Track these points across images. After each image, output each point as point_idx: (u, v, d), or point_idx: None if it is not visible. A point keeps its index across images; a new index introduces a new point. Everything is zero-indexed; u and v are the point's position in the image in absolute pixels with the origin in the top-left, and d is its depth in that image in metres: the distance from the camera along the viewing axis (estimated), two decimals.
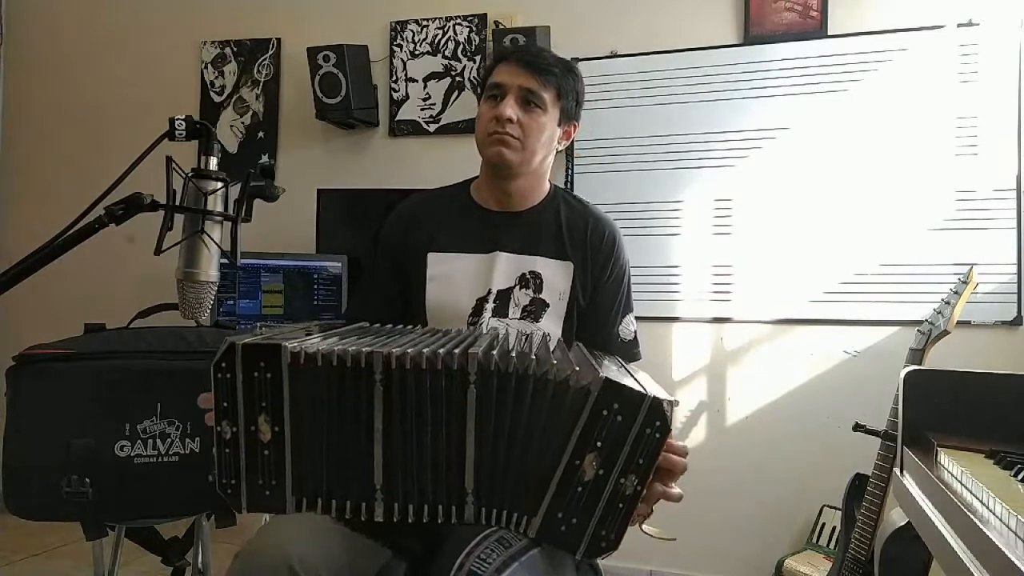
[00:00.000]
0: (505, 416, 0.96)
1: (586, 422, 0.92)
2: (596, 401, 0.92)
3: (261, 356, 0.95)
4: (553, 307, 1.35)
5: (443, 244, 1.38)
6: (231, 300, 2.51)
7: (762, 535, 2.52)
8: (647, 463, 0.92)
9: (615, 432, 0.92)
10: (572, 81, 1.38)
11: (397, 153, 2.97)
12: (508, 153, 1.32)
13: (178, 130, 1.10)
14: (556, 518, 0.94)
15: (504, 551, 0.98)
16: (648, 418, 0.91)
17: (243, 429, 0.96)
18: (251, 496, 0.97)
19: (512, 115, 1.30)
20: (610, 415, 0.92)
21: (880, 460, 1.82)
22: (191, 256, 1.10)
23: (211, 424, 0.99)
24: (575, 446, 0.93)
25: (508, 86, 1.33)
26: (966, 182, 2.38)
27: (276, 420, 0.96)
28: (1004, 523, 0.68)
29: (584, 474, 0.93)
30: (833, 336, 2.50)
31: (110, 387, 1.36)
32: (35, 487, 1.33)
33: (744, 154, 2.59)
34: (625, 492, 0.92)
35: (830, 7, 2.53)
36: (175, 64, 3.22)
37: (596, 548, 0.94)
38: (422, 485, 0.96)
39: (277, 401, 0.95)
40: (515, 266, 1.36)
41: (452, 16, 2.90)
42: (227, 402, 0.96)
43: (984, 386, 1.06)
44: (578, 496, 0.93)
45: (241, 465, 0.96)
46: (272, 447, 0.96)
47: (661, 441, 0.92)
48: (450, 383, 0.95)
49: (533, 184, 1.41)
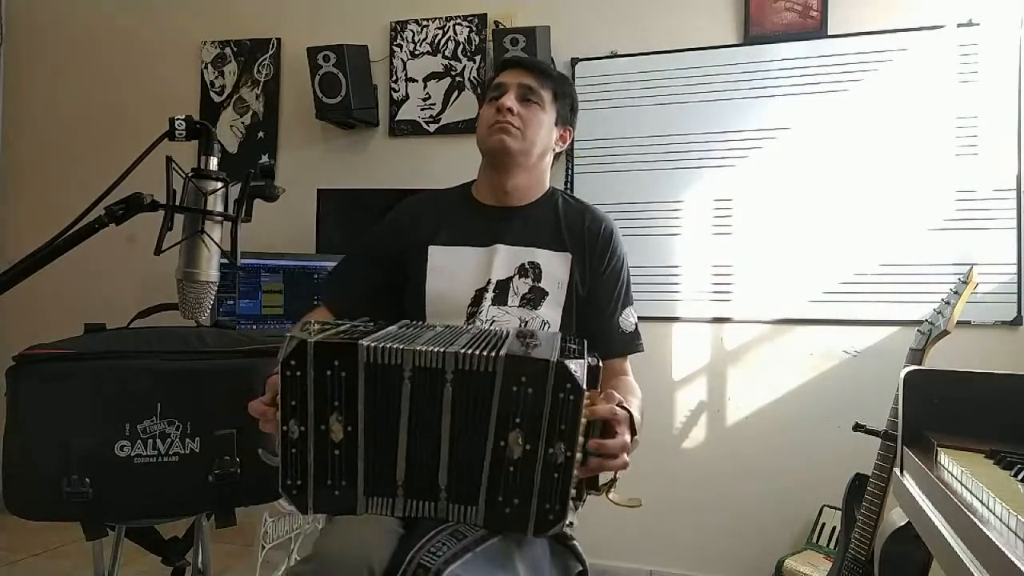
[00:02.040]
0: (454, 410, 0.96)
1: (500, 402, 0.93)
2: (504, 379, 0.93)
3: (336, 354, 0.94)
4: (552, 295, 1.37)
5: (444, 238, 1.41)
6: (231, 300, 2.51)
7: (762, 535, 2.52)
8: (570, 428, 0.92)
9: (530, 405, 0.92)
10: (568, 88, 1.49)
11: (397, 153, 2.97)
12: (509, 140, 1.37)
13: (178, 130, 1.10)
14: (497, 502, 0.95)
15: (456, 543, 0.99)
16: (557, 382, 0.91)
17: (312, 428, 0.95)
18: (318, 497, 0.97)
19: (513, 106, 1.37)
20: (520, 390, 0.93)
21: (880, 460, 1.82)
22: (191, 256, 1.10)
23: (266, 430, 0.99)
24: (496, 428, 0.94)
25: (508, 84, 1.41)
26: (966, 182, 2.38)
27: (350, 420, 0.95)
28: (1004, 523, 0.68)
29: (512, 453, 0.93)
30: (833, 336, 2.50)
31: (110, 387, 1.35)
32: (35, 487, 1.32)
33: (744, 154, 2.59)
34: (557, 461, 0.93)
35: (830, 7, 2.53)
36: (175, 64, 3.22)
37: (545, 523, 0.94)
38: (434, 483, 0.97)
39: (351, 399, 0.95)
40: (514, 257, 1.39)
41: (452, 16, 2.90)
42: (295, 401, 0.95)
43: (984, 386, 1.06)
44: (512, 476, 0.94)
45: (309, 465, 0.96)
46: (344, 447, 0.96)
47: (577, 403, 0.92)
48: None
49: (531, 181, 1.45)
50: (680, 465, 2.62)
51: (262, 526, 2.30)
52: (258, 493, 1.44)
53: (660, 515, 2.58)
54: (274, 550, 2.36)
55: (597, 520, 1.49)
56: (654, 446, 2.58)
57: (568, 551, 1.16)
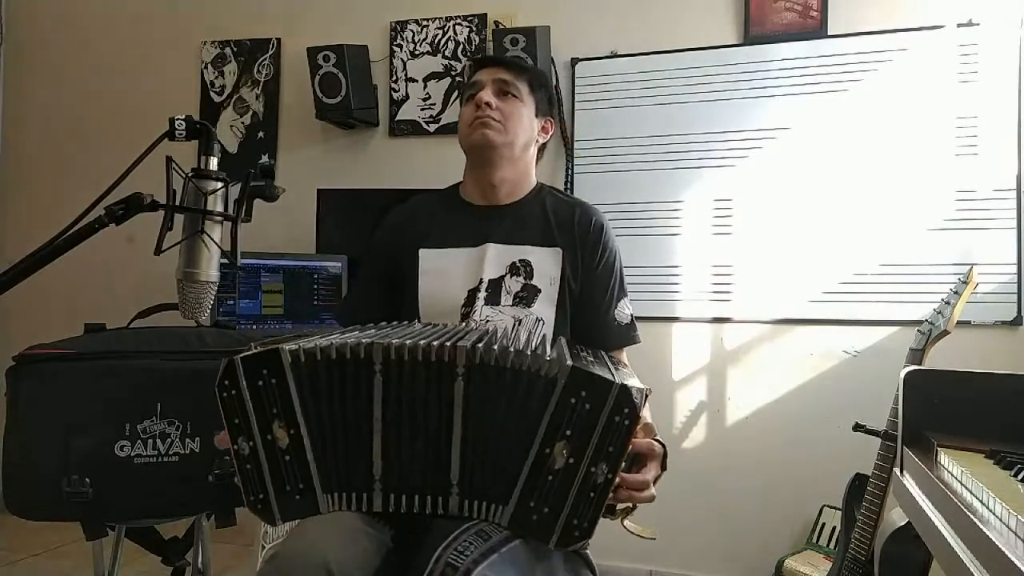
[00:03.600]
0: (486, 408, 0.97)
1: (554, 410, 0.93)
2: (564, 389, 0.93)
3: (262, 364, 0.96)
4: (545, 292, 1.36)
5: (434, 240, 1.41)
6: (231, 300, 2.51)
7: (762, 535, 2.52)
8: (617, 451, 0.92)
9: (584, 420, 0.92)
10: (543, 79, 1.51)
11: (397, 153, 2.97)
12: (491, 134, 1.38)
13: (178, 130, 1.10)
14: (528, 507, 0.95)
15: (483, 543, 0.98)
16: (616, 406, 0.91)
17: (260, 441, 0.96)
18: (282, 505, 0.97)
19: (491, 100, 1.39)
20: (578, 403, 0.92)
21: (880, 460, 1.82)
22: (191, 256, 1.10)
23: (226, 450, 1.00)
24: (544, 434, 0.94)
25: (484, 81, 1.42)
26: (966, 182, 2.38)
27: (290, 423, 0.96)
28: (1004, 523, 0.68)
29: (555, 462, 0.93)
30: (833, 336, 2.50)
31: (110, 387, 1.35)
32: (35, 487, 1.32)
33: (744, 154, 2.59)
34: (596, 481, 0.93)
35: (830, 7, 2.53)
36: (175, 64, 3.22)
37: (569, 537, 0.94)
38: (413, 476, 0.98)
39: (287, 403, 0.96)
40: (505, 255, 1.38)
41: (452, 16, 2.90)
42: (238, 419, 0.96)
43: (984, 386, 1.06)
44: (549, 484, 0.94)
45: (265, 477, 0.96)
46: (292, 451, 0.96)
47: (631, 429, 0.92)
48: (440, 375, 0.96)
49: (518, 175, 1.45)
50: (680, 465, 2.62)
51: (262, 526, 2.30)
52: None
53: (660, 515, 2.56)
54: None
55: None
56: None
57: (580, 560, 1.16)
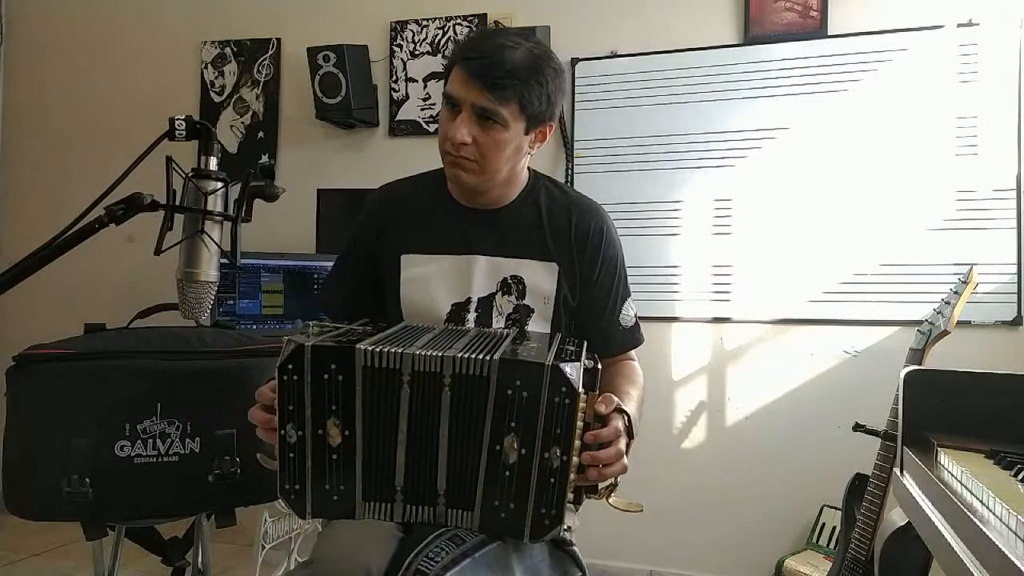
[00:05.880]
0: (460, 415, 0.95)
1: (495, 406, 0.92)
2: (498, 382, 0.92)
3: (333, 358, 0.93)
4: (539, 312, 1.28)
5: (416, 246, 1.31)
6: (231, 300, 2.51)
7: (762, 535, 2.52)
8: (566, 432, 0.91)
9: (525, 408, 0.92)
10: (539, 84, 1.18)
11: (397, 153, 2.97)
12: (465, 176, 1.22)
13: (178, 130, 1.10)
14: (493, 507, 0.94)
15: (455, 548, 0.98)
16: (552, 386, 0.90)
17: (310, 433, 0.94)
18: (316, 502, 0.96)
19: (466, 138, 1.16)
20: (515, 393, 0.92)
21: (880, 460, 1.82)
22: (191, 256, 1.10)
23: (263, 437, 0.98)
24: (491, 433, 0.93)
25: (462, 102, 1.17)
26: (966, 182, 2.38)
27: (347, 424, 0.95)
28: (1004, 523, 0.68)
29: (508, 457, 0.93)
30: (833, 336, 2.50)
31: (110, 387, 1.35)
32: (35, 487, 1.32)
33: (744, 154, 2.59)
34: (553, 466, 0.92)
35: (830, 7, 2.53)
36: (175, 64, 3.22)
37: (541, 528, 0.93)
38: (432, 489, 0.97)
39: (349, 405, 0.94)
40: (495, 270, 1.27)
41: (452, 16, 2.90)
42: (293, 405, 0.94)
43: (984, 386, 1.06)
44: (507, 480, 0.93)
45: (307, 470, 0.95)
46: (342, 452, 0.95)
47: (572, 407, 0.91)
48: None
49: (505, 188, 1.30)
50: (680, 465, 2.62)
51: (262, 526, 2.30)
52: (258, 493, 1.43)
53: (660, 515, 2.58)
54: (274, 550, 2.36)
55: (597, 520, 1.49)
56: (654, 446, 2.58)
57: (567, 556, 1.14)
